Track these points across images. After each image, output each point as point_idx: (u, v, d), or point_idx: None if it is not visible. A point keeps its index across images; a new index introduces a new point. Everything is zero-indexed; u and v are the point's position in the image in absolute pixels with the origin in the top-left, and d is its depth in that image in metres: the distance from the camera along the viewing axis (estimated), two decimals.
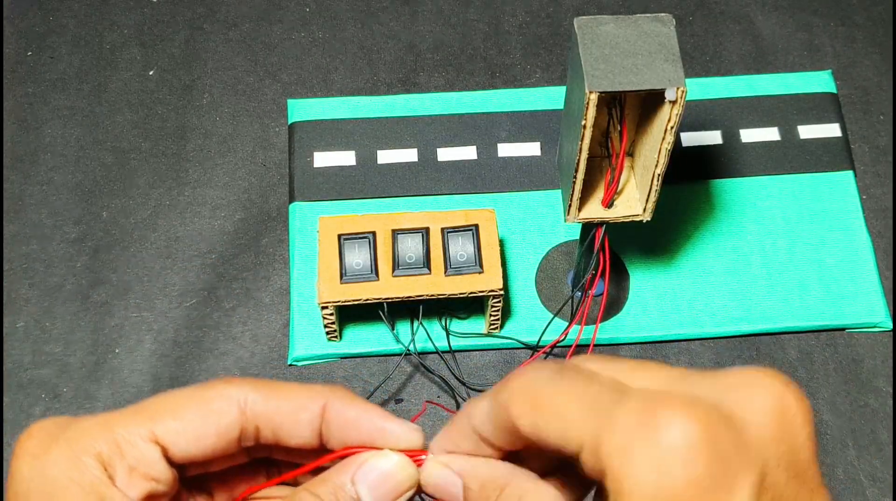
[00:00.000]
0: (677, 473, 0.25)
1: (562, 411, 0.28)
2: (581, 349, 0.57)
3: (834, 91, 0.65)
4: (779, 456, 0.26)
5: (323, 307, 0.53)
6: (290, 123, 0.63)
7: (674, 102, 0.43)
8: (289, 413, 0.33)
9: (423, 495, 0.34)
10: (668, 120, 0.43)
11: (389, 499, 0.33)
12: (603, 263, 0.50)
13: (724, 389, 0.27)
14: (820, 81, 0.65)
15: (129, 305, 0.58)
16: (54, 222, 0.60)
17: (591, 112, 0.43)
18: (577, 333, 0.54)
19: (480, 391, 0.56)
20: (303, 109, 0.63)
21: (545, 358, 0.55)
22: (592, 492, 0.30)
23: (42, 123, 0.64)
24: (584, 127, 0.43)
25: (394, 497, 0.33)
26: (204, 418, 0.32)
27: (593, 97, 0.42)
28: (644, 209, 0.48)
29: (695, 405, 0.25)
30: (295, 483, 0.35)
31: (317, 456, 0.34)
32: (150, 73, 0.66)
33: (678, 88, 0.42)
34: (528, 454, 0.33)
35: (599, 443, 0.26)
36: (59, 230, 0.60)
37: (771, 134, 0.63)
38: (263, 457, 0.36)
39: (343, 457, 0.34)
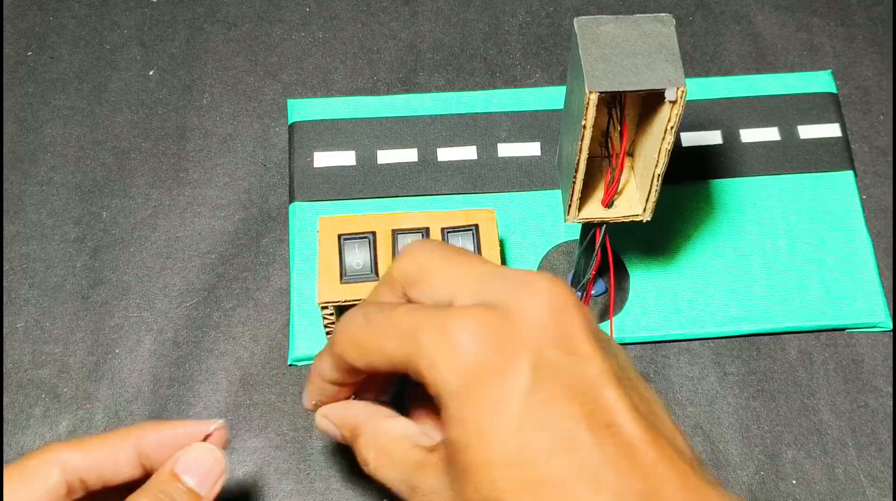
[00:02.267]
0: (469, 363, 0.32)
1: (380, 347, 0.35)
2: None
3: (834, 91, 0.65)
4: (550, 339, 0.33)
5: (323, 307, 0.53)
6: (290, 123, 0.63)
7: (674, 102, 0.43)
8: (107, 459, 0.39)
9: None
10: (668, 120, 0.43)
11: (206, 473, 0.40)
12: (604, 263, 0.50)
13: (510, 291, 0.34)
14: (820, 81, 0.65)
15: (129, 305, 0.58)
16: (54, 222, 0.60)
17: (591, 112, 0.43)
18: None
19: None
20: (303, 109, 0.63)
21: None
22: None
23: (42, 123, 0.64)
24: (584, 127, 0.43)
25: (208, 472, 0.40)
26: (29, 484, 0.37)
27: (593, 97, 0.42)
28: (644, 209, 0.48)
29: (475, 315, 0.33)
30: None
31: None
32: (150, 73, 0.66)
33: (678, 88, 0.42)
34: (375, 378, 0.41)
35: (415, 365, 0.34)
36: (59, 230, 0.60)
37: (771, 134, 0.63)
38: None
39: None
